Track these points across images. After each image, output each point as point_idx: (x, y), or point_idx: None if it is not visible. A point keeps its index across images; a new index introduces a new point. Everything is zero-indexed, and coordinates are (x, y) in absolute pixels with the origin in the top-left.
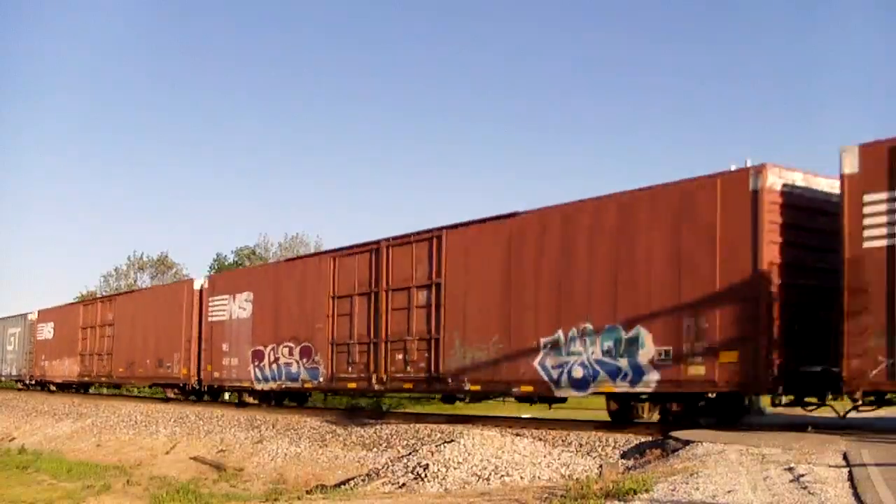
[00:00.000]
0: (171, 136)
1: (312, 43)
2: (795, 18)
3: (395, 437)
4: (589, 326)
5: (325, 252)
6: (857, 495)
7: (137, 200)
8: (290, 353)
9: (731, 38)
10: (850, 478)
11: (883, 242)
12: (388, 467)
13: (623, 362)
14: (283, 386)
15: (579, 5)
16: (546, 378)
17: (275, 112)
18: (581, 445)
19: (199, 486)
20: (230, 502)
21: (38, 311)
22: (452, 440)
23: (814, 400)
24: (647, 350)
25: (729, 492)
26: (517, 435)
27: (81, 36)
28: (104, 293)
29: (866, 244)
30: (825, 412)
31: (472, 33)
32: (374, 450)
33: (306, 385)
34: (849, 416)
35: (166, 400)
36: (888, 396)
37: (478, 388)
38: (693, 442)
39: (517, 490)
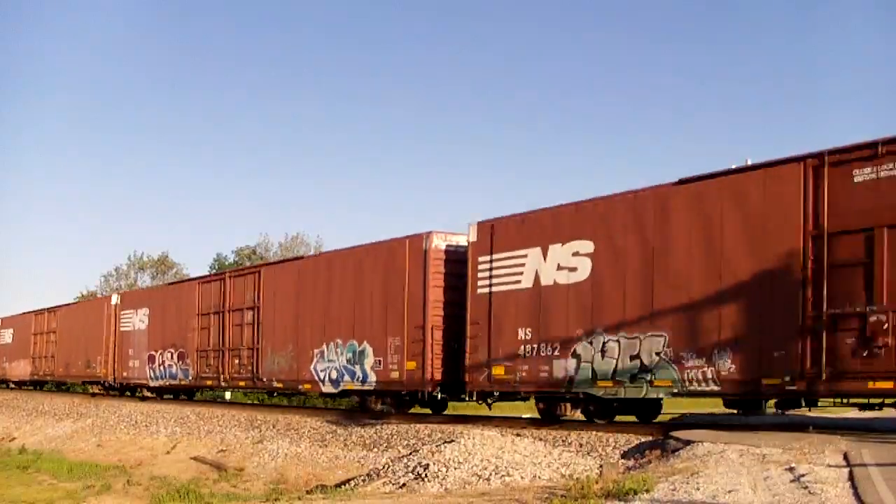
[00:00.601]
0: (170, 136)
1: (312, 43)
2: (795, 18)
3: (395, 437)
4: (339, 341)
5: (194, 279)
6: (857, 495)
7: (137, 200)
8: (172, 357)
9: (730, 38)
10: (851, 478)
11: (486, 290)
12: (388, 467)
13: (357, 368)
14: (168, 383)
15: (579, 5)
16: (317, 378)
17: (275, 112)
18: (581, 445)
19: (200, 486)
20: (230, 502)
21: (1, 319)
22: (453, 440)
23: (464, 397)
24: (370, 359)
25: (730, 492)
26: (517, 435)
27: (81, 36)
28: (104, 293)
29: (478, 290)
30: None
31: (472, 33)
32: (375, 450)
33: (182, 382)
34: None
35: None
36: (495, 394)
37: (281, 385)
38: (693, 442)
39: (518, 490)
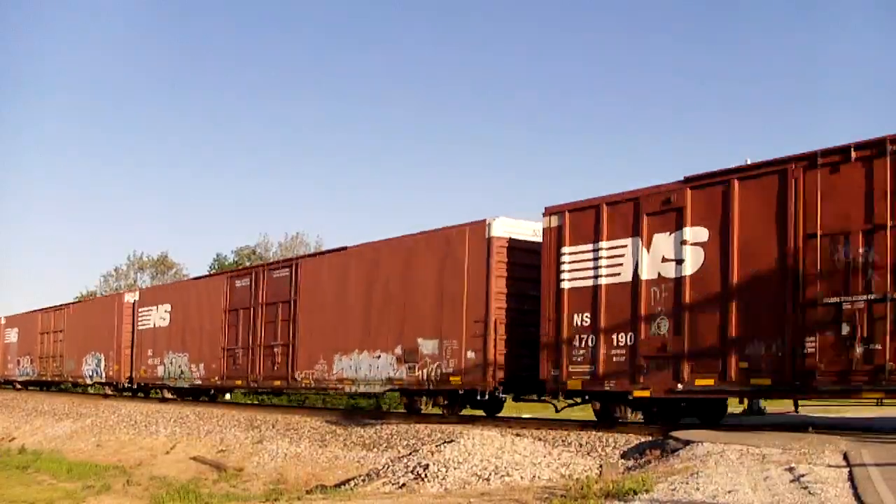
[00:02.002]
0: (170, 136)
1: (312, 43)
2: (795, 18)
3: (395, 437)
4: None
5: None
6: (857, 495)
7: (137, 200)
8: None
9: (730, 39)
10: (851, 478)
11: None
12: (388, 467)
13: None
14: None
15: (579, 5)
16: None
17: (275, 112)
18: (581, 445)
19: (199, 486)
20: (230, 502)
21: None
22: (452, 440)
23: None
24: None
25: (729, 492)
26: (517, 435)
27: (81, 36)
28: (104, 293)
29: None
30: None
31: (472, 34)
32: (375, 450)
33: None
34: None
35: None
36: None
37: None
38: (693, 442)
39: (517, 490)
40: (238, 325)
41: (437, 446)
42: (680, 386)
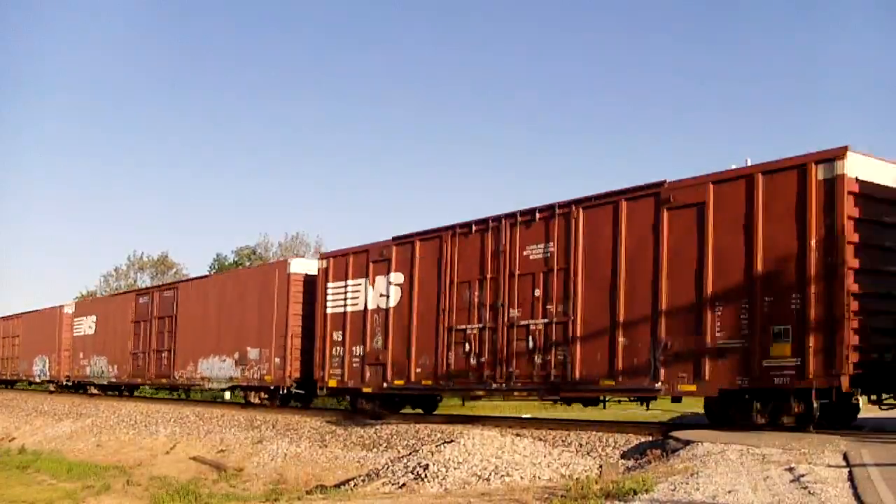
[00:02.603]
0: (170, 136)
1: (312, 43)
2: (795, 18)
3: (395, 437)
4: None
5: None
6: (857, 495)
7: (137, 200)
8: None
9: (730, 39)
10: (851, 478)
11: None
12: (388, 467)
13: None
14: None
15: (579, 5)
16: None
17: (275, 112)
18: (581, 445)
19: (199, 486)
20: (230, 502)
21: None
22: (452, 440)
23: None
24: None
25: (729, 492)
26: (517, 435)
27: (81, 36)
28: (104, 293)
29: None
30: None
31: (473, 34)
32: (374, 450)
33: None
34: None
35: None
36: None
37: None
38: (693, 442)
39: (517, 490)
40: (140, 334)
41: (437, 446)
42: (385, 385)
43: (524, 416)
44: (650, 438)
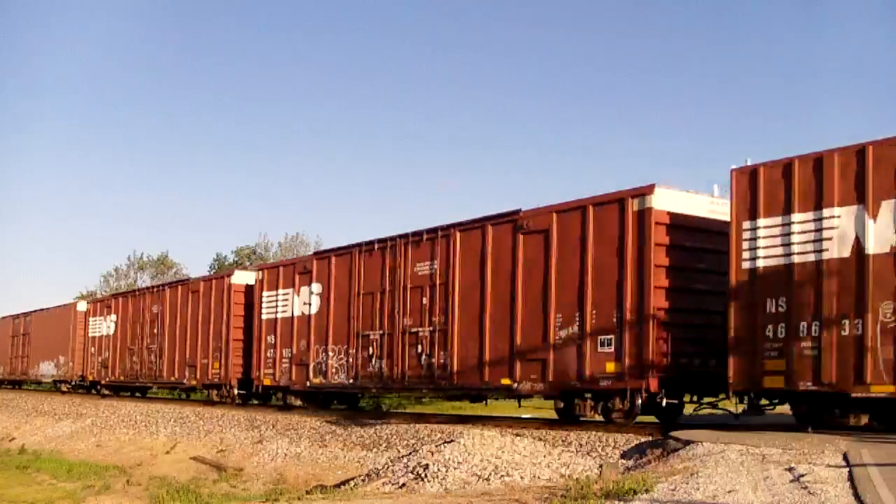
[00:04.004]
0: (170, 135)
1: (313, 43)
2: (795, 18)
3: (395, 437)
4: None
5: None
6: (857, 495)
7: (137, 200)
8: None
9: (730, 38)
10: (851, 478)
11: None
12: (388, 467)
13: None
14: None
15: (579, 5)
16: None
17: (275, 112)
18: (581, 445)
19: (199, 486)
20: (230, 502)
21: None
22: (452, 440)
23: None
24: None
25: (729, 492)
26: (517, 435)
27: (82, 36)
28: (104, 293)
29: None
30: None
31: (473, 33)
32: (374, 450)
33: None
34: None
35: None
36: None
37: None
38: (693, 442)
39: (517, 490)
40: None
41: (437, 446)
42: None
43: (524, 416)
44: (650, 438)
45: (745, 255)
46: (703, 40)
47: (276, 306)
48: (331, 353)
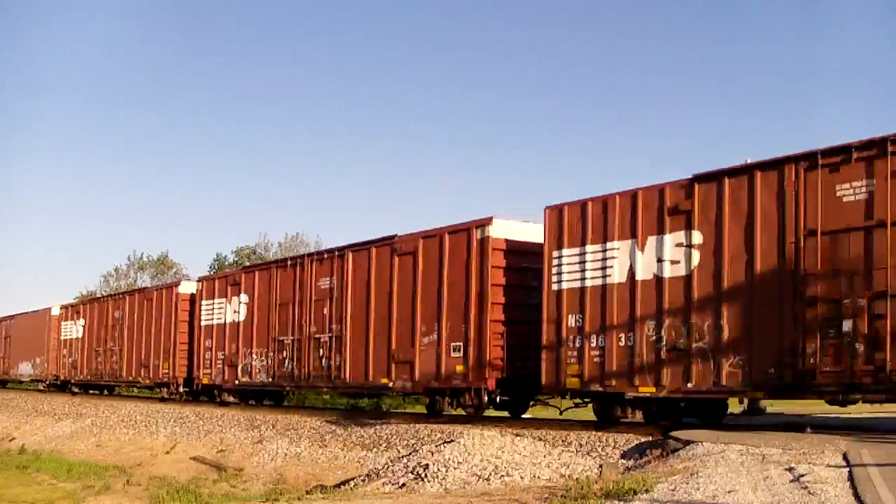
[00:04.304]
0: (171, 135)
1: (313, 43)
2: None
3: (395, 437)
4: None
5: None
6: (857, 495)
7: (137, 200)
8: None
9: (730, 38)
10: (850, 478)
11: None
12: (388, 467)
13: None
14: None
15: (579, 5)
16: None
17: (275, 112)
18: (581, 445)
19: (199, 486)
20: (230, 502)
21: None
22: (452, 440)
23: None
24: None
25: (729, 492)
26: (517, 435)
27: (81, 36)
28: (104, 293)
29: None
30: (824, 412)
31: (473, 33)
32: (374, 450)
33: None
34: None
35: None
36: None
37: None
38: (693, 442)
39: (517, 490)
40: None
41: (437, 446)
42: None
43: (524, 416)
44: (650, 438)
45: (554, 278)
46: (703, 40)
47: (213, 314)
48: (255, 356)
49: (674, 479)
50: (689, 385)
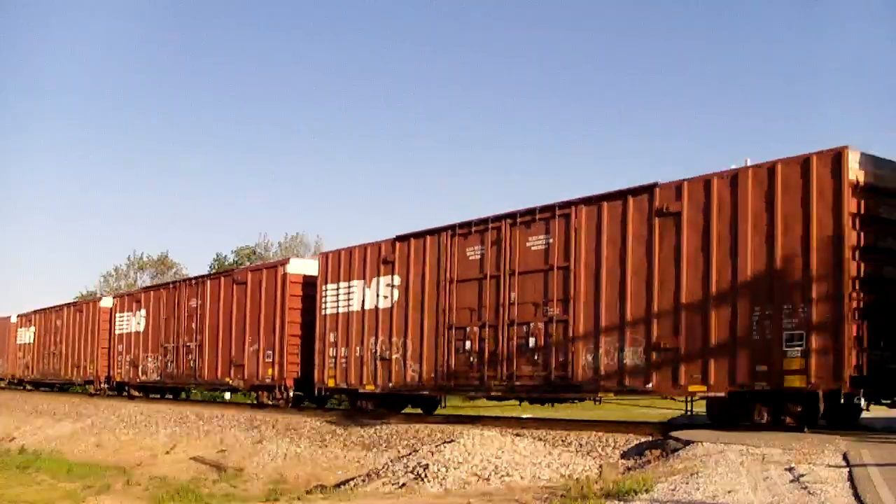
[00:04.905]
0: (171, 135)
1: (313, 43)
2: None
3: (395, 437)
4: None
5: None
6: (857, 495)
7: (137, 200)
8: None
9: (730, 38)
10: (850, 478)
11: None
12: (388, 467)
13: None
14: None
15: (579, 5)
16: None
17: (275, 112)
18: (581, 445)
19: (199, 486)
20: (230, 502)
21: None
22: (452, 440)
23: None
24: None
25: (729, 492)
26: (517, 435)
27: (81, 36)
28: (104, 293)
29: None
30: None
31: (473, 33)
32: (374, 450)
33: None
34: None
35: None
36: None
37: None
38: (693, 442)
39: (517, 490)
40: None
41: (437, 446)
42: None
43: (524, 416)
44: (650, 438)
45: (322, 305)
46: (703, 40)
47: (127, 324)
48: (150, 357)
49: (674, 479)
50: (391, 384)
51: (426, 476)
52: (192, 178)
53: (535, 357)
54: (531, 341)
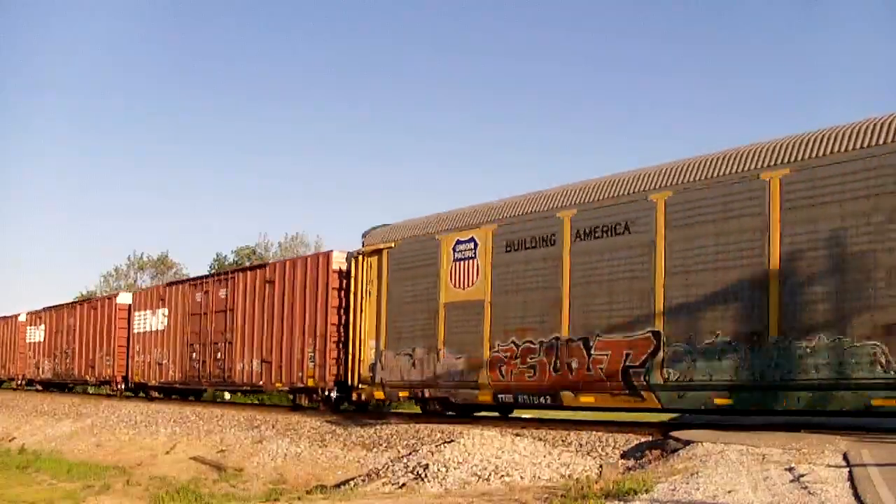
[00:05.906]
0: (171, 135)
1: (313, 43)
2: (795, 18)
3: (395, 437)
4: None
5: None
6: (857, 495)
7: (137, 200)
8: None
9: (731, 38)
10: (851, 478)
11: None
12: (388, 467)
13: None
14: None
15: (579, 5)
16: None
17: (275, 112)
18: (581, 445)
19: (199, 486)
20: (230, 502)
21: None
22: (452, 440)
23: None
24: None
25: (729, 492)
26: (517, 435)
27: (81, 36)
28: (104, 293)
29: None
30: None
31: (473, 33)
32: (374, 450)
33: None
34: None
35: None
36: None
37: None
38: (693, 442)
39: (517, 490)
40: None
41: (437, 446)
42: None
43: (524, 416)
44: (650, 438)
45: (133, 325)
46: (703, 40)
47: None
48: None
49: (674, 479)
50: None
51: (426, 476)
52: (192, 178)
53: (220, 364)
54: (218, 354)
